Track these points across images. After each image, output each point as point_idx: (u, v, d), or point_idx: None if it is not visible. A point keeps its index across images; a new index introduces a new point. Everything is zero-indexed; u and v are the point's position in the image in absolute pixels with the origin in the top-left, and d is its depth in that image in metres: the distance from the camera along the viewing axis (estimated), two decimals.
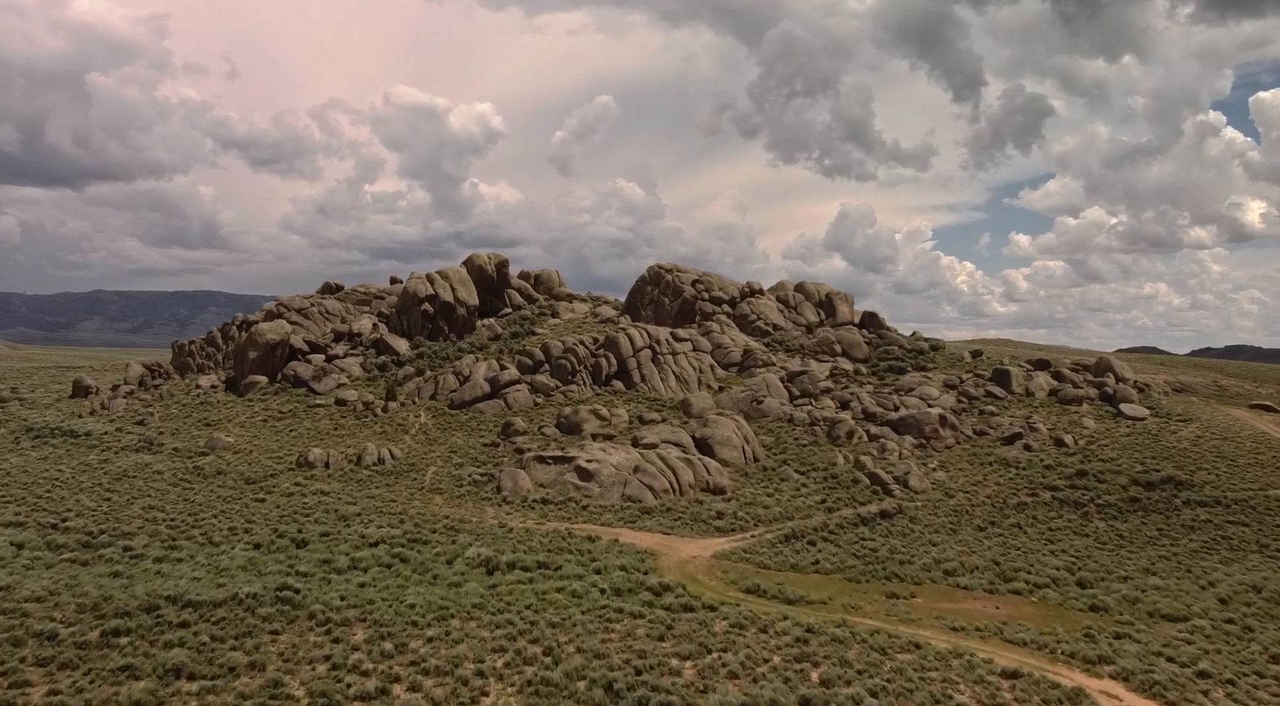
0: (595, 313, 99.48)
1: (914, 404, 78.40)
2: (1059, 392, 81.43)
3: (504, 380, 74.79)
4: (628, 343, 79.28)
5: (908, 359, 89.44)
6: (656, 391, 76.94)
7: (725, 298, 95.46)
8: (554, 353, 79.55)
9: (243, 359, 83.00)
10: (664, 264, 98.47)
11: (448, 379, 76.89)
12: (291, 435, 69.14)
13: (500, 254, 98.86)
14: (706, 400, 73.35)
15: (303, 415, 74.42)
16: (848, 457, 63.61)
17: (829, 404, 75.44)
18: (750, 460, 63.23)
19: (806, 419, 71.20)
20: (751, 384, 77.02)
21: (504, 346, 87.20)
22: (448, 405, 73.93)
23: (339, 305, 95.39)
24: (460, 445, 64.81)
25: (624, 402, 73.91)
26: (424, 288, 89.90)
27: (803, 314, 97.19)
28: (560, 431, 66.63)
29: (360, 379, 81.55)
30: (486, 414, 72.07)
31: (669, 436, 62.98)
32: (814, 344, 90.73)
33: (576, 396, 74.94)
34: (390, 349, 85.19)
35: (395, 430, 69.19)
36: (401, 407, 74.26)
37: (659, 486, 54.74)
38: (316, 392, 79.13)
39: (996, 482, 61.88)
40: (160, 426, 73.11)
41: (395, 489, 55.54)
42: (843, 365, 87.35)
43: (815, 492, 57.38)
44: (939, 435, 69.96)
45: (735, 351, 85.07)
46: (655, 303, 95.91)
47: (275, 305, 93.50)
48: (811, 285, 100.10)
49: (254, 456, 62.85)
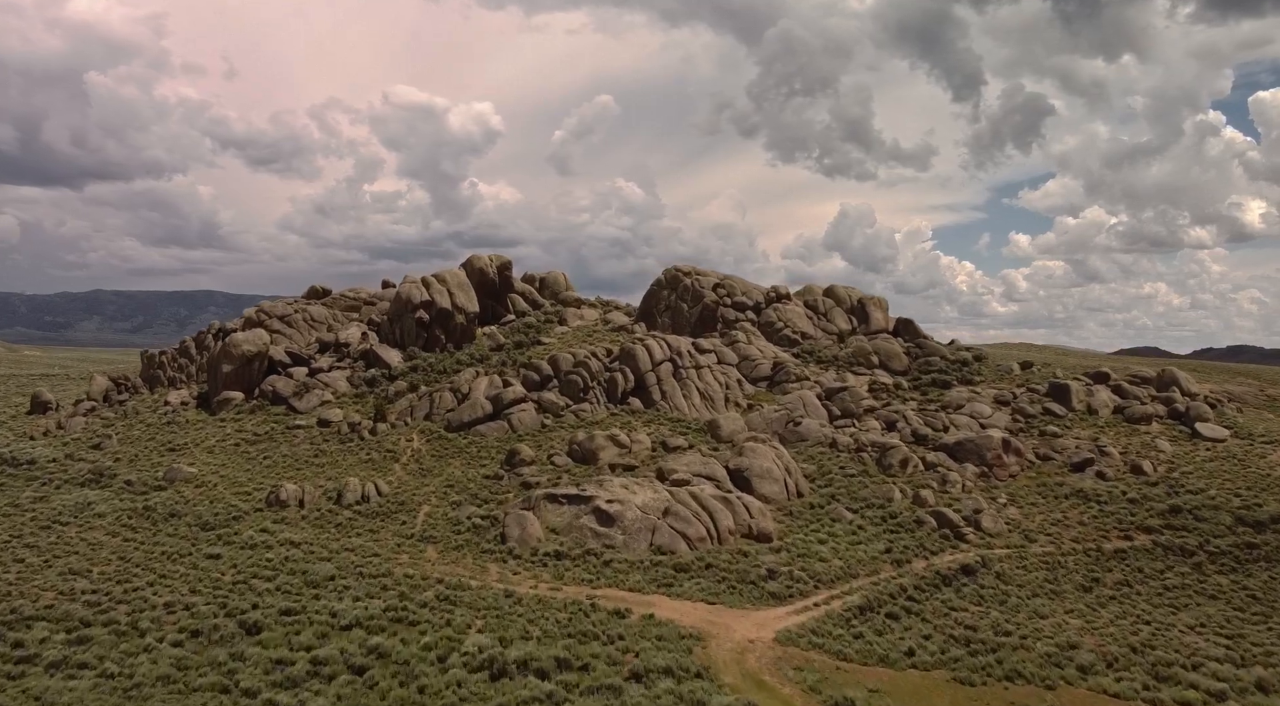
0: (606, 319, 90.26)
1: (965, 423, 69.41)
2: (1125, 410, 72.38)
3: (508, 398, 65.57)
4: (646, 355, 70.07)
5: (951, 371, 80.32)
6: (679, 410, 67.75)
7: (749, 303, 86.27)
8: (563, 366, 70.33)
9: (216, 372, 73.76)
10: (682, 266, 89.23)
11: (444, 397, 67.65)
12: (265, 463, 59.88)
13: (502, 255, 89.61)
14: (736, 421, 64.16)
15: (280, 438, 65.16)
16: (904, 491, 54.49)
17: (873, 425, 66.29)
18: (793, 495, 54.08)
19: (851, 443, 62.04)
20: (786, 402, 67.82)
21: (507, 357, 77.97)
22: (444, 427, 64.71)
23: (325, 312, 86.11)
24: (458, 477, 55.60)
25: (643, 424, 64.71)
26: (419, 293, 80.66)
27: (833, 321, 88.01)
28: (573, 460, 57.42)
29: (346, 396, 72.28)
30: (488, 437, 62.86)
31: (700, 468, 53.78)
32: (848, 355, 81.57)
33: (589, 416, 65.75)
34: (380, 361, 75.95)
35: (384, 457, 59.95)
36: (392, 430, 65.00)
37: (694, 533, 45.55)
38: (297, 411, 69.85)
39: (1080, 522, 52.77)
40: (118, 451, 63.83)
41: (380, 536, 46.34)
42: (881, 378, 78.23)
43: (875, 538, 48.25)
44: (1002, 462, 60.85)
45: (764, 364, 75.87)
46: (672, 308, 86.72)
47: (255, 312, 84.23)
48: (842, 289, 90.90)
49: (218, 491, 53.62)
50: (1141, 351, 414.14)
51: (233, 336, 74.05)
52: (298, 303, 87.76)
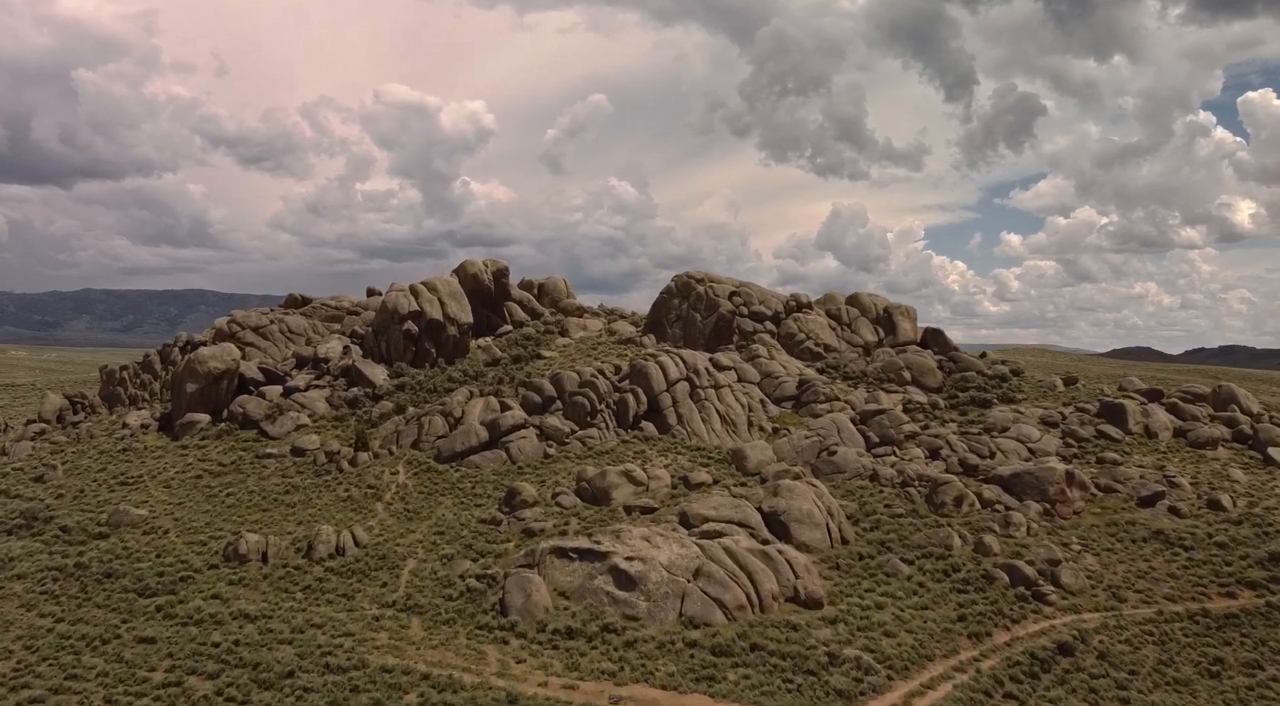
0: (611, 329, 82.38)
1: (1012, 449, 61.87)
2: (1188, 433, 64.88)
3: (506, 424, 57.57)
4: (660, 374, 62.18)
5: (990, 388, 72.70)
6: (698, 436, 59.90)
7: (767, 313, 78.47)
8: (567, 386, 62.38)
9: (180, 392, 65.53)
10: (694, 272, 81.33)
11: (434, 421, 59.61)
12: (228, 501, 51.77)
13: (498, 260, 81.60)
14: (764, 451, 56.34)
15: (248, 469, 57.03)
16: (964, 536, 46.79)
17: (916, 453, 58.59)
18: (837, 542, 46.33)
19: (895, 476, 54.31)
20: (818, 427, 60.04)
21: (504, 374, 69.98)
22: (434, 456, 56.70)
23: (304, 322, 77.92)
24: (449, 521, 47.64)
25: (659, 453, 56.85)
26: (406, 302, 72.58)
27: (858, 332, 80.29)
28: (582, 500, 49.54)
29: (325, 418, 64.13)
30: (484, 470, 54.89)
31: (730, 512, 45.94)
32: (877, 370, 73.84)
33: (598, 444, 57.86)
34: (364, 379, 67.84)
35: (364, 494, 51.91)
36: (375, 460, 56.93)
37: (731, 600, 37.73)
38: (269, 437, 61.72)
39: (1170, 574, 45.11)
40: (62, 485, 55.65)
41: (356, 602, 38.37)
42: (915, 396, 70.54)
43: (942, 598, 40.56)
44: (1066, 498, 53.19)
45: (789, 382, 68.06)
46: (684, 319, 78.87)
47: (227, 322, 76.02)
48: (867, 298, 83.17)
49: (168, 540, 45.54)
50: (1134, 352, 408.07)
51: (198, 352, 65.86)
52: (274, 312, 79.57)
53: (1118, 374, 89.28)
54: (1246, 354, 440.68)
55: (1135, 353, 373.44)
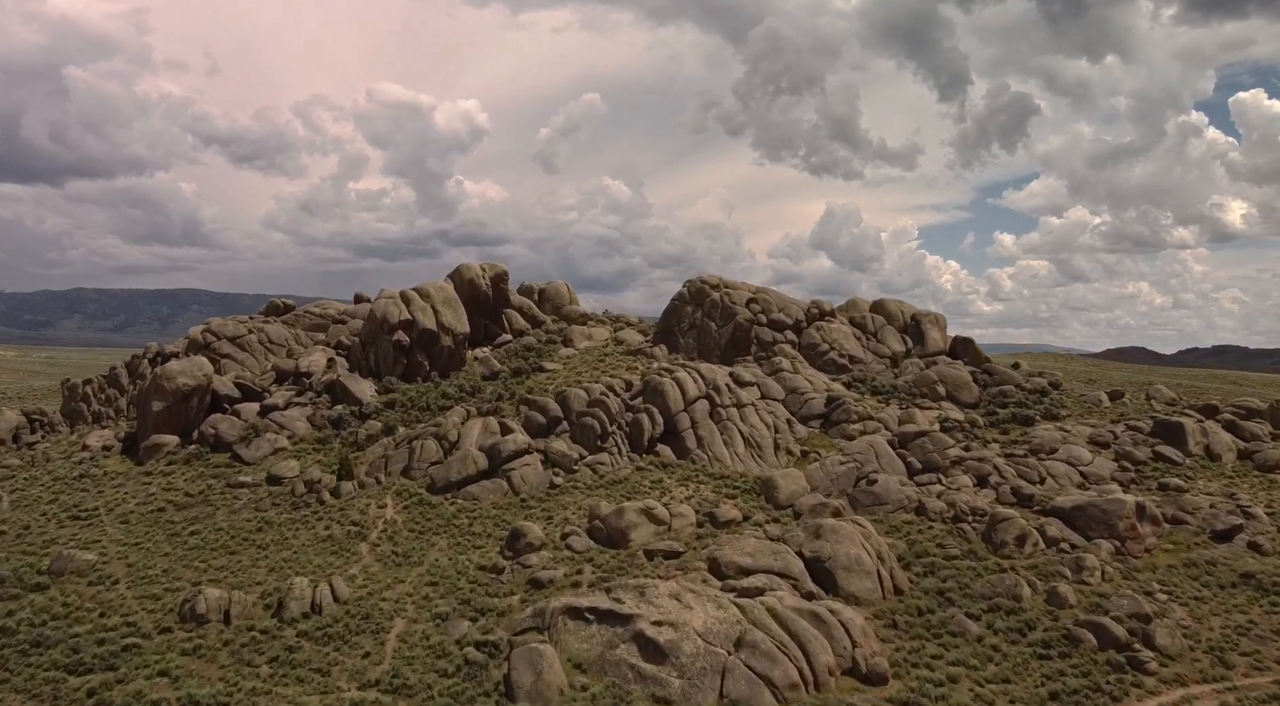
0: (618, 338, 75.93)
1: (1063, 473, 55.85)
2: (1254, 455, 59.07)
3: (507, 450, 51.06)
4: (676, 392, 55.76)
5: (1031, 403, 66.52)
6: (720, 461, 53.51)
7: (788, 321, 72.09)
8: (575, 405, 55.91)
9: (145, 410, 58.84)
10: (708, 277, 74.87)
11: (427, 445, 53.05)
12: (191, 542, 45.13)
13: (497, 264, 75.02)
14: (796, 480, 49.96)
15: (217, 500, 50.41)
16: (1034, 585, 40.49)
17: (964, 481, 52.30)
18: (889, 592, 39.98)
19: (944, 509, 48.02)
20: (853, 451, 53.65)
21: (503, 389, 63.47)
22: (427, 486, 50.17)
23: (286, 332, 71.22)
24: (444, 568, 41.11)
25: (678, 482, 50.41)
26: (397, 310, 65.98)
27: (885, 342, 74.00)
28: (595, 542, 43.07)
29: (306, 440, 57.50)
30: (483, 503, 48.38)
31: (768, 560, 39.55)
32: (909, 384, 67.54)
33: (609, 472, 51.40)
34: (349, 396, 61.21)
35: (347, 533, 45.34)
36: (360, 490, 50.37)
37: (782, 678, 31.35)
38: (243, 462, 55.09)
39: (1275, 631, 38.93)
40: (6, 519, 48.91)
41: (331, 681, 31.84)
42: (951, 413, 64.27)
43: (1022, 668, 34.27)
44: (1137, 534, 46.96)
45: (816, 398, 61.68)
46: (698, 327, 72.39)
47: (201, 332, 69.29)
48: (893, 304, 76.86)
49: (117, 594, 38.91)
50: (1129, 352, 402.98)
51: (166, 367, 59.14)
52: (253, 320, 72.83)
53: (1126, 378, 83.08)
54: (1239, 354, 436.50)
55: (1129, 353, 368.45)
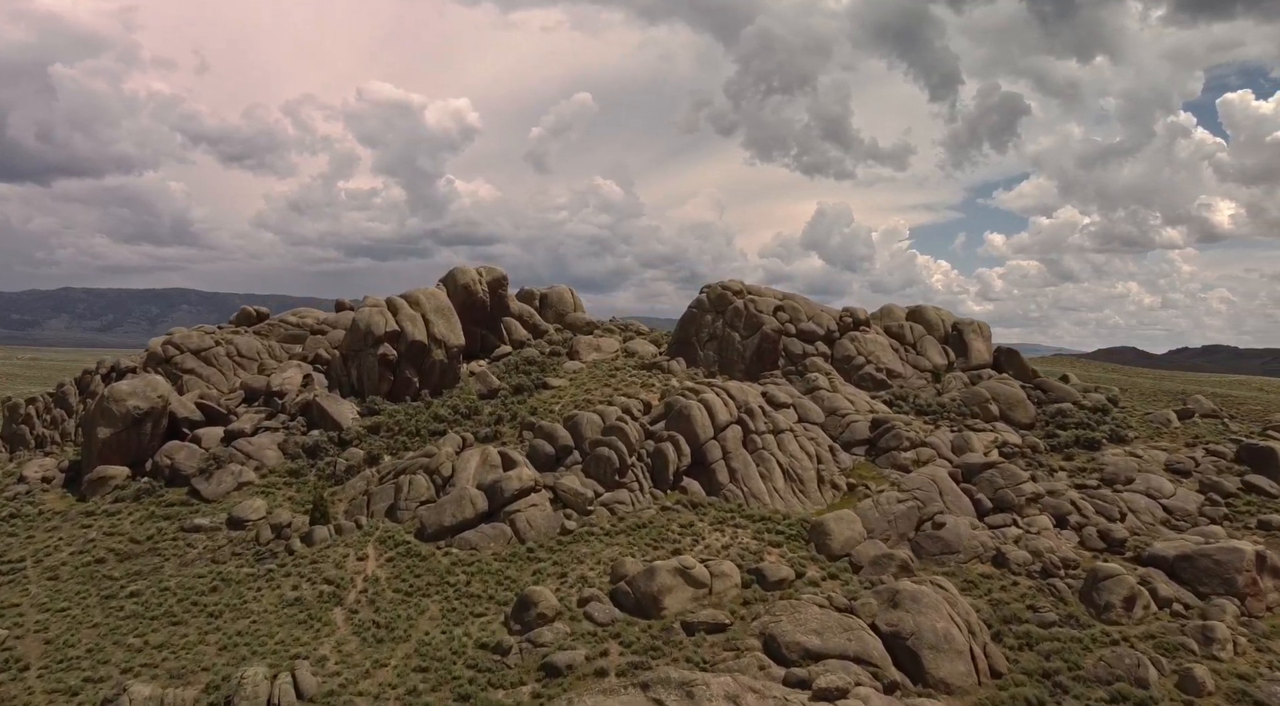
0: (628, 349, 67.97)
1: (1144, 507, 48.44)
2: None
3: (510, 488, 43.02)
4: (705, 417, 47.87)
5: (1094, 424, 58.94)
6: (757, 498, 45.64)
7: (819, 331, 64.26)
8: (588, 432, 47.94)
9: (91, 437, 50.56)
10: (729, 282, 66.92)
11: (416, 481, 44.97)
12: (129, 607, 36.96)
13: (495, 268, 66.90)
14: (851, 524, 42.10)
15: (167, 549, 42.24)
16: (1159, 664, 32.84)
17: (1042, 522, 44.55)
18: (985, 673, 32.22)
19: (1028, 559, 40.30)
20: (912, 487, 45.80)
21: (503, 410, 55.47)
22: (416, 531, 42.13)
23: (258, 343, 62.93)
24: (437, 647, 33.09)
25: (712, 526, 42.47)
26: (382, 320, 57.84)
27: (925, 353, 66.28)
28: (621, 608, 35.12)
29: (276, 473, 49.34)
30: (482, 553, 40.36)
31: (839, 640, 31.68)
32: (957, 403, 59.81)
33: (630, 512, 43.45)
34: (328, 419, 53.06)
35: (319, 596, 37.27)
36: (337, 538, 42.26)
37: None
38: (202, 499, 46.92)
39: None
40: None
41: None
42: (1006, 436, 56.64)
43: None
44: (1258, 589, 39.40)
45: (859, 421, 53.87)
46: (719, 338, 64.46)
47: (162, 344, 60.97)
48: (933, 312, 69.14)
49: (22, 688, 30.76)
50: (1120, 352, 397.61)
51: (114, 387, 50.82)
52: (221, 331, 64.51)
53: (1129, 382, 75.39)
54: (1229, 354, 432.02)
55: (1121, 353, 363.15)
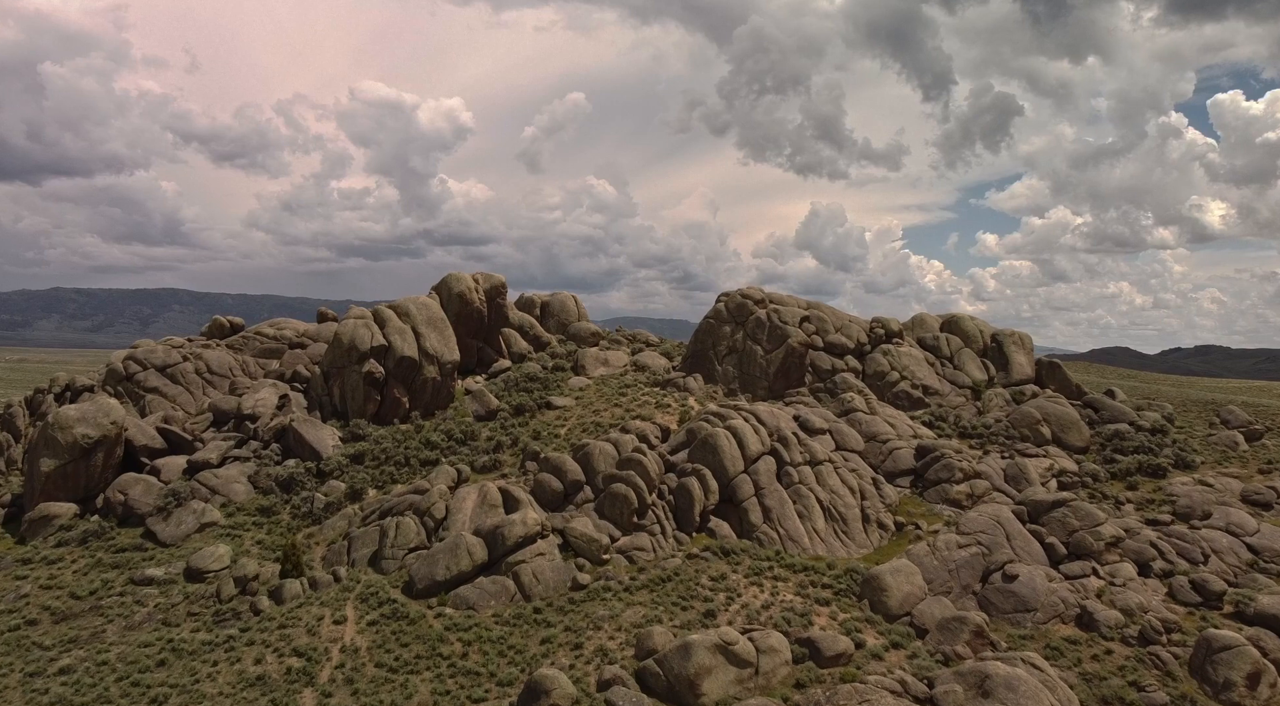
0: (637, 363, 61.81)
1: (1227, 546, 42.92)
2: None
3: (513, 535, 36.78)
4: (734, 447, 41.73)
5: (1155, 449, 53.01)
6: (796, 542, 39.50)
7: (848, 344, 58.20)
8: (600, 465, 41.74)
9: (33, 470, 44.10)
10: (749, 290, 60.73)
11: (404, 526, 38.70)
12: (55, 690, 30.60)
13: (493, 274, 60.65)
14: (910, 576, 36.00)
15: (112, 606, 35.91)
16: None
17: (1125, 570, 38.59)
18: None
19: (1120, 621, 34.35)
20: (974, 529, 39.70)
21: (503, 434, 49.25)
22: (403, 587, 35.90)
23: (230, 358, 56.50)
24: None
25: (748, 579, 36.31)
26: (368, 334, 51.54)
27: (963, 367, 60.27)
28: (650, 692, 28.92)
29: (245, 511, 42.99)
30: (482, 615, 34.14)
31: None
32: (1005, 425, 53.83)
33: (652, 562, 37.29)
34: (305, 447, 46.72)
35: (287, 672, 31.01)
36: (312, 594, 35.95)
37: None
38: (158, 542, 40.56)
39: None
40: None
41: None
42: (1060, 461, 50.73)
43: None
44: None
45: (903, 448, 47.78)
46: (740, 352, 58.30)
47: (124, 360, 54.52)
48: (969, 322, 63.11)
49: None
50: (1113, 352, 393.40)
51: (61, 413, 44.33)
52: (191, 344, 58.06)
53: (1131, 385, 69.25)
54: (1222, 354, 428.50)
55: (1114, 353, 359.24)
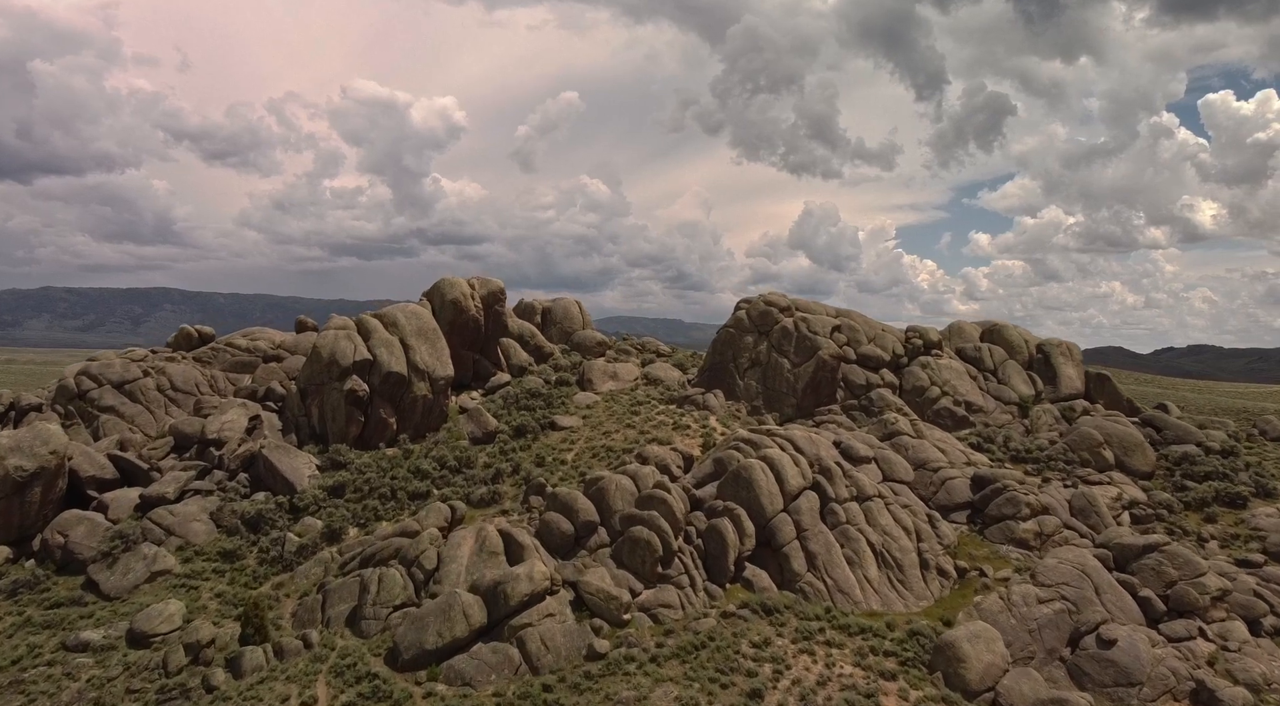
0: (649, 376, 55.88)
1: None
2: None
3: (518, 592, 30.79)
4: (771, 482, 35.81)
5: (1231, 474, 47.28)
6: (847, 593, 33.63)
7: (884, 357, 52.37)
8: (615, 503, 35.77)
9: None
10: (772, 297, 54.79)
11: (389, 578, 32.68)
12: None
13: (490, 279, 54.57)
14: (990, 641, 30.14)
15: (36, 681, 29.82)
16: None
17: (1237, 631, 32.81)
18: None
19: (1248, 701, 28.51)
20: (1055, 580, 33.83)
21: (503, 460, 43.25)
22: (386, 653, 29.90)
23: (197, 373, 50.33)
24: None
25: (797, 645, 30.43)
26: (350, 346, 45.46)
27: (1008, 382, 54.46)
28: None
29: (206, 555, 36.91)
30: (480, 692, 28.15)
31: None
32: (1060, 446, 48.04)
33: (680, 622, 31.39)
34: (278, 478, 40.61)
35: None
36: (278, 664, 29.93)
37: None
38: (100, 594, 34.49)
39: None
40: None
41: None
42: (1128, 490, 44.96)
43: None
44: None
45: (957, 478, 41.90)
46: (764, 366, 52.38)
47: (76, 376, 48.35)
48: (1014, 332, 57.27)
49: None
50: (1106, 352, 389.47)
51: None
52: (154, 356, 51.83)
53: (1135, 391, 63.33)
54: (1214, 353, 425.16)
55: (1108, 353, 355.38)
